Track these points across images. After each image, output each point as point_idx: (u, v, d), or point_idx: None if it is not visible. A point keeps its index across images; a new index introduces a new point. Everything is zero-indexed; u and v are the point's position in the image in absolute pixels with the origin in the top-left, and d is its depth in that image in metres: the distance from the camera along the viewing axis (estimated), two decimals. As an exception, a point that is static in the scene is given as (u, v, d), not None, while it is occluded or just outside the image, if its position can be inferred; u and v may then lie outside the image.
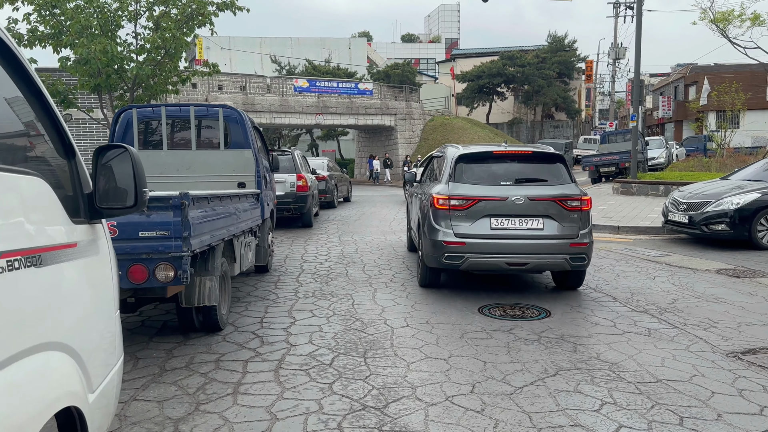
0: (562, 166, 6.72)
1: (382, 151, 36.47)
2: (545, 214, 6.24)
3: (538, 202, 6.24)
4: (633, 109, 17.37)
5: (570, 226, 6.26)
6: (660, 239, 10.76)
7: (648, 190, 16.27)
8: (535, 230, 6.23)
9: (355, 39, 53.43)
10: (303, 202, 12.30)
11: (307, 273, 7.82)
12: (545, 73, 44.55)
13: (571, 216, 6.28)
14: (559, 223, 6.25)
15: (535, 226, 6.24)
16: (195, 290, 4.76)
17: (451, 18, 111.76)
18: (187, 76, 11.47)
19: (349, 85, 34.92)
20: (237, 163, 7.05)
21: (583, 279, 6.90)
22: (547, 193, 6.32)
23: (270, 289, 6.85)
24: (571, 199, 6.29)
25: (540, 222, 6.24)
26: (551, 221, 6.25)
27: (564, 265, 6.26)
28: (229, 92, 31.45)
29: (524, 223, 6.24)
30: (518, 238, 6.21)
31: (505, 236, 6.21)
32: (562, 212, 6.26)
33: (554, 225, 6.25)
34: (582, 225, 6.32)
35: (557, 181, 6.52)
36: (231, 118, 7.18)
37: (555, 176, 6.59)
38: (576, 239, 6.22)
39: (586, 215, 6.41)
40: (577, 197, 6.32)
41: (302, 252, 9.58)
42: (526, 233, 6.22)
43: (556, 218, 6.26)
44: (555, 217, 6.25)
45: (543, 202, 6.25)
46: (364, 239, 11.02)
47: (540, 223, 6.24)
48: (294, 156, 12.66)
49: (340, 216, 15.37)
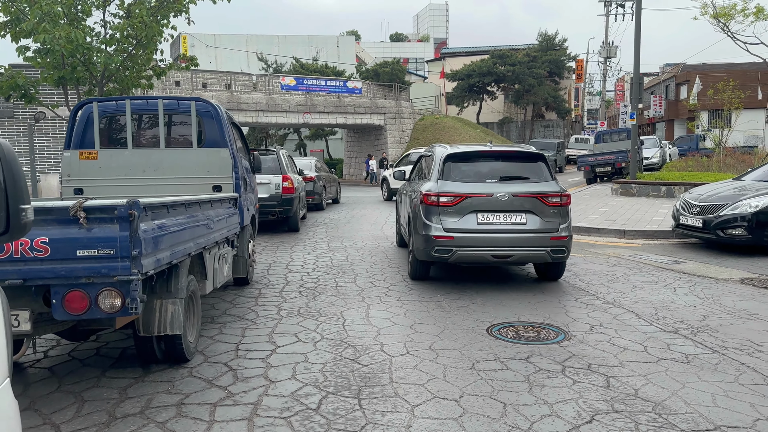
0: (543, 165, 7.11)
1: (372, 150, 35.70)
2: (527, 209, 6.63)
3: (520, 198, 6.62)
4: (632, 107, 16.77)
5: (551, 220, 6.66)
6: (670, 244, 10.10)
7: (649, 190, 15.65)
8: (518, 225, 6.61)
9: (343, 37, 52.61)
10: (289, 205, 11.51)
11: (293, 285, 7.03)
12: (536, 71, 44.00)
13: (552, 211, 6.67)
14: (540, 218, 6.63)
15: (519, 221, 6.62)
16: (154, 316, 3.97)
17: (440, 17, 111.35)
18: (163, 69, 10.64)
19: (337, 84, 34.11)
20: (212, 163, 6.26)
21: (563, 271, 7.30)
22: (529, 190, 6.69)
23: (250, 306, 6.06)
24: (552, 196, 6.68)
25: (523, 217, 6.63)
26: (533, 216, 6.64)
27: (545, 257, 6.65)
28: (213, 90, 30.52)
29: (508, 218, 6.62)
30: (503, 232, 6.59)
31: (491, 230, 6.59)
32: (543, 208, 6.65)
33: (536, 220, 6.63)
34: (562, 219, 6.73)
35: (539, 179, 6.90)
36: (205, 112, 6.38)
37: (537, 174, 6.97)
38: (556, 233, 6.63)
39: (566, 210, 6.81)
40: (557, 194, 6.71)
41: (287, 260, 8.79)
42: (510, 228, 6.61)
43: (538, 213, 6.63)
44: (537, 213, 6.63)
45: (525, 198, 6.63)
46: (354, 245, 10.24)
47: (523, 218, 6.63)
48: (279, 156, 11.86)
49: (328, 219, 14.58)
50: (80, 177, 6.24)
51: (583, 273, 7.75)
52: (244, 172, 6.95)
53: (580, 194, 18.08)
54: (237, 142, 6.91)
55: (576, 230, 11.18)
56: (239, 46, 48.85)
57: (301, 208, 13.35)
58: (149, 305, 3.98)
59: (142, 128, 6.55)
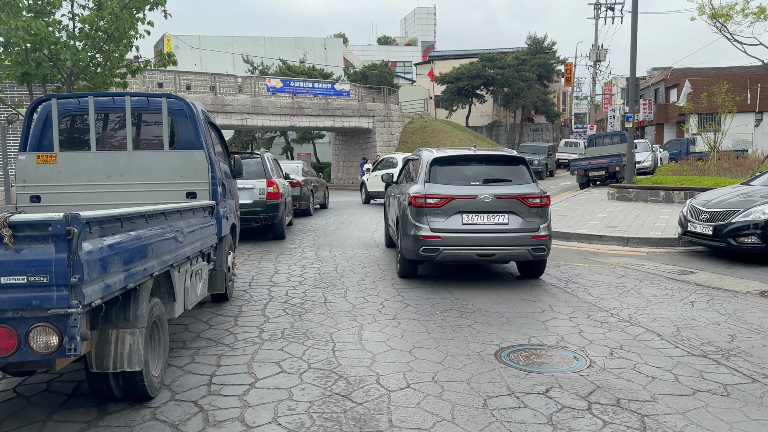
0: (524, 168, 7.45)
1: (361, 154, 35.09)
2: (510, 210, 6.96)
3: (503, 199, 6.96)
4: (629, 109, 16.34)
5: (531, 220, 6.99)
6: (676, 252, 9.60)
7: (647, 195, 15.20)
8: (501, 225, 6.94)
9: (330, 39, 52.00)
10: (274, 212, 10.86)
11: (277, 302, 6.40)
12: (525, 75, 43.68)
13: (533, 212, 7.01)
14: (522, 218, 6.97)
15: (501, 221, 6.95)
16: (109, 349, 3.34)
17: (428, 21, 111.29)
18: (139, 67, 9.95)
19: (325, 86, 33.48)
20: (186, 167, 5.61)
21: (543, 269, 7.61)
22: (511, 192, 7.03)
23: (228, 328, 5.42)
24: (532, 197, 7.03)
25: (505, 217, 6.96)
26: (515, 216, 6.97)
27: (527, 255, 6.99)
28: (198, 92, 29.79)
29: (491, 219, 6.95)
30: (486, 232, 6.90)
31: (475, 230, 6.90)
32: (524, 208, 6.98)
33: (518, 220, 6.96)
34: (542, 219, 7.06)
35: (520, 181, 7.25)
36: (178, 111, 5.74)
37: (518, 177, 7.31)
38: (537, 232, 6.96)
39: (546, 211, 7.14)
40: (537, 195, 7.06)
41: (272, 272, 8.15)
42: (494, 227, 6.93)
43: (519, 214, 6.97)
44: (518, 213, 6.97)
45: (508, 199, 6.97)
46: (344, 254, 9.62)
47: (505, 218, 6.96)
48: (264, 159, 11.21)
49: (316, 225, 13.94)
50: (37, 183, 5.57)
51: (590, 285, 7.19)
52: (223, 176, 6.32)
53: (575, 199, 17.61)
54: (215, 143, 6.28)
55: (576, 237, 10.65)
56: (224, 48, 48.06)
57: (288, 214, 12.71)
58: (103, 336, 3.35)
59: (107, 128, 5.89)
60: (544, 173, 31.70)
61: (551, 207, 8.06)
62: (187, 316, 5.74)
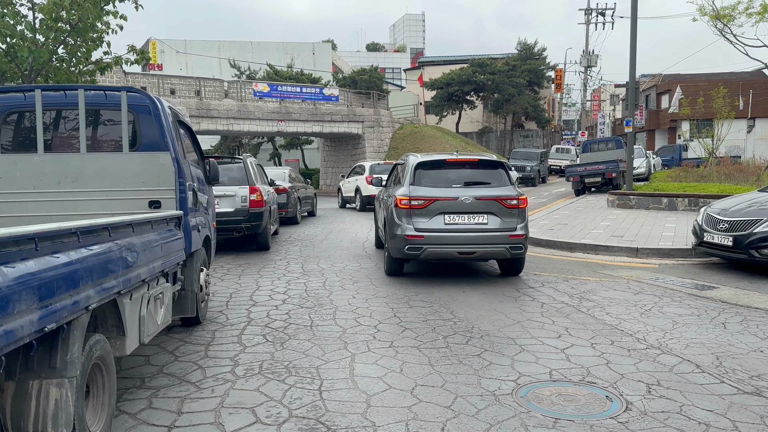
0: (503, 171, 7.90)
1: (350, 160, 34.34)
2: (489, 211, 7.35)
3: (482, 201, 7.34)
4: (629, 113, 15.78)
5: (509, 220, 7.38)
6: (690, 264, 8.93)
7: (649, 203, 14.59)
8: (480, 224, 7.32)
9: (319, 44, 51.33)
10: (257, 221, 10.07)
11: (256, 326, 5.61)
12: (516, 81, 43.23)
13: (510, 212, 7.39)
14: (500, 219, 7.35)
15: (481, 221, 7.33)
16: (29, 406, 2.57)
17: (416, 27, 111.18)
18: (108, 63, 9.14)
19: (313, 91, 32.73)
20: (148, 172, 4.84)
21: (522, 267, 7.99)
22: (490, 194, 7.43)
23: (197, 359, 4.63)
24: (510, 199, 7.42)
25: (485, 218, 7.34)
26: (494, 217, 7.36)
27: (505, 253, 7.38)
28: (182, 96, 28.92)
29: (472, 219, 7.33)
30: (467, 231, 7.28)
31: (457, 230, 7.28)
32: (503, 209, 7.37)
33: (496, 220, 7.35)
34: (519, 220, 7.45)
35: (499, 184, 7.68)
36: (141, 107, 4.97)
37: (497, 179, 7.75)
38: (514, 231, 7.34)
39: (523, 212, 7.53)
40: (514, 197, 7.46)
41: (253, 288, 7.36)
42: (474, 227, 7.30)
43: (498, 214, 7.36)
44: (497, 214, 7.36)
45: (487, 201, 7.36)
46: (333, 267, 8.85)
47: (485, 218, 7.34)
48: (246, 164, 10.43)
49: (303, 235, 13.16)
50: (-27, 190, 4.77)
51: (607, 303, 6.49)
52: (195, 183, 5.55)
53: (573, 206, 16.97)
54: (185, 145, 5.50)
55: (581, 248, 9.98)
56: (211, 53, 47.24)
57: (273, 223, 11.92)
58: (21, 390, 2.58)
59: (58, 127, 5.10)
60: (536, 179, 31.15)
61: (550, 214, 8.13)
62: (152, 344, 4.95)
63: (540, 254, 9.97)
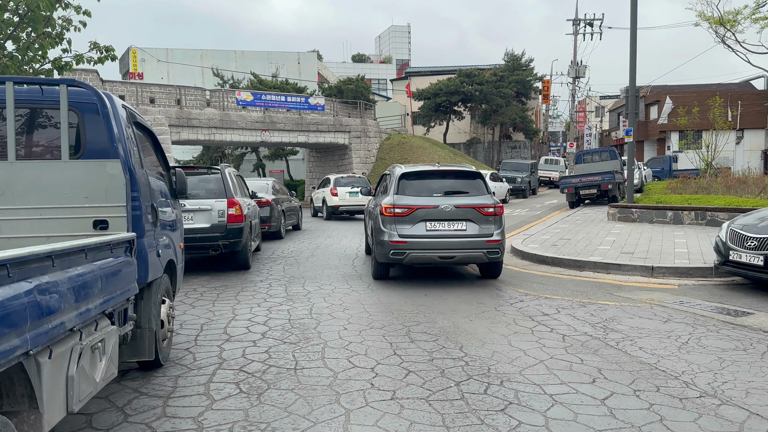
0: (480, 181, 8.40)
1: (336, 171, 33.44)
2: (467, 218, 7.83)
3: (461, 209, 7.82)
4: (629, 122, 15.12)
5: (486, 227, 7.85)
6: (712, 285, 8.16)
7: (652, 216, 13.87)
8: (459, 231, 7.79)
9: (305, 54, 50.55)
10: (236, 237, 9.12)
11: (229, 369, 4.67)
12: (503, 91, 42.77)
13: (487, 219, 7.88)
14: (478, 225, 7.83)
15: (460, 228, 7.80)
16: None
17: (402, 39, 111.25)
18: (67, 62, 8.19)
19: (298, 100, 31.88)
20: (93, 184, 3.91)
21: (500, 271, 8.50)
22: (468, 202, 7.91)
23: (151, 420, 3.68)
24: (487, 207, 7.92)
25: (463, 224, 7.82)
26: (472, 224, 7.83)
27: (482, 257, 7.85)
28: (162, 105, 27.92)
29: (451, 226, 7.80)
30: (447, 237, 7.76)
31: (437, 236, 7.75)
32: (480, 217, 7.86)
33: (474, 227, 7.83)
34: (496, 226, 7.91)
35: (477, 193, 8.19)
36: (86, 104, 4.05)
37: (475, 189, 8.26)
38: (491, 237, 7.81)
39: (499, 219, 7.99)
40: (491, 205, 7.96)
41: (228, 318, 6.41)
42: (453, 233, 7.78)
43: (476, 221, 7.84)
44: (475, 221, 7.84)
45: (465, 209, 7.83)
46: (320, 290, 7.93)
47: (463, 225, 7.81)
48: (225, 175, 9.49)
49: (287, 251, 12.21)
50: None
51: (636, 335, 5.64)
52: (155, 197, 4.63)
53: (571, 220, 16.22)
54: (143, 152, 4.58)
55: (591, 266, 9.18)
56: (193, 62, 46.23)
57: (255, 239, 10.98)
58: None
59: (-17, 129, 4.15)
60: (527, 191, 30.51)
61: (549, 228, 8.06)
62: (98, 398, 3.99)
63: (547, 273, 9.14)
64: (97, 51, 8.39)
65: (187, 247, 8.85)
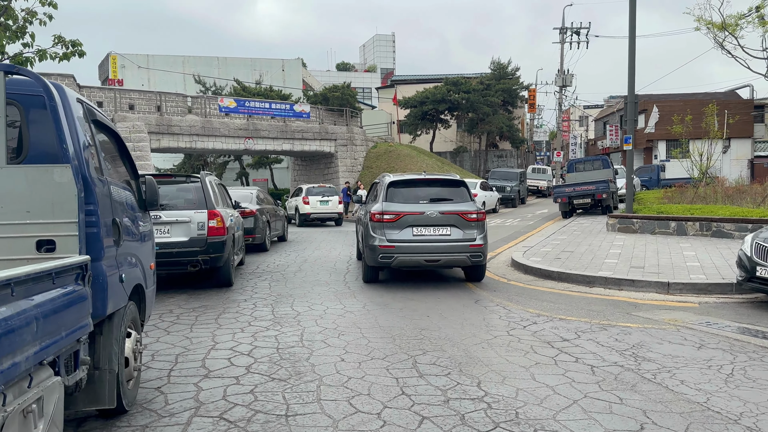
0: (464, 189, 8.85)
1: (322, 180, 32.68)
2: (451, 223, 8.31)
3: (446, 215, 8.33)
4: (628, 129, 14.63)
5: (470, 232, 8.33)
6: (735, 302, 7.57)
7: (654, 227, 13.34)
8: (444, 236, 8.29)
9: (289, 61, 49.81)
10: (217, 252, 8.34)
11: (207, 416, 3.90)
12: (490, 100, 42.40)
13: (470, 225, 8.36)
14: (461, 230, 8.31)
15: (445, 233, 8.30)
16: None
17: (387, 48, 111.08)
18: (28, 57, 7.39)
19: (283, 107, 31.09)
20: (38, 195, 3.16)
21: (483, 274, 8.92)
22: (453, 209, 8.42)
23: (105, 494, 2.91)
24: (470, 213, 8.42)
25: (448, 230, 8.31)
26: (456, 229, 8.31)
27: (466, 261, 8.31)
28: (142, 112, 26.96)
29: (437, 231, 8.30)
30: (433, 242, 8.25)
31: (424, 240, 8.25)
32: (464, 222, 8.33)
33: (458, 232, 8.30)
34: (478, 231, 8.38)
35: (461, 200, 8.66)
36: (29, 97, 3.31)
37: (459, 196, 8.72)
38: (474, 242, 8.29)
39: (482, 224, 8.46)
40: (474, 212, 8.47)
41: (208, 346, 5.63)
42: (438, 238, 8.28)
43: (460, 227, 8.32)
44: (459, 226, 8.31)
45: (450, 215, 8.34)
46: (311, 310, 7.18)
47: (448, 230, 8.31)
48: (205, 184, 8.71)
49: (273, 265, 11.43)
50: None
51: (671, 364, 4.98)
52: (121, 209, 3.87)
53: (568, 230, 15.64)
54: (103, 156, 3.82)
55: (601, 282, 8.56)
56: (175, 68, 45.27)
57: (238, 252, 10.19)
58: None
59: None
60: (516, 200, 30.01)
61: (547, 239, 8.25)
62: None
63: (554, 289, 8.49)
64: (63, 46, 7.58)
65: (163, 263, 8.08)
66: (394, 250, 8.13)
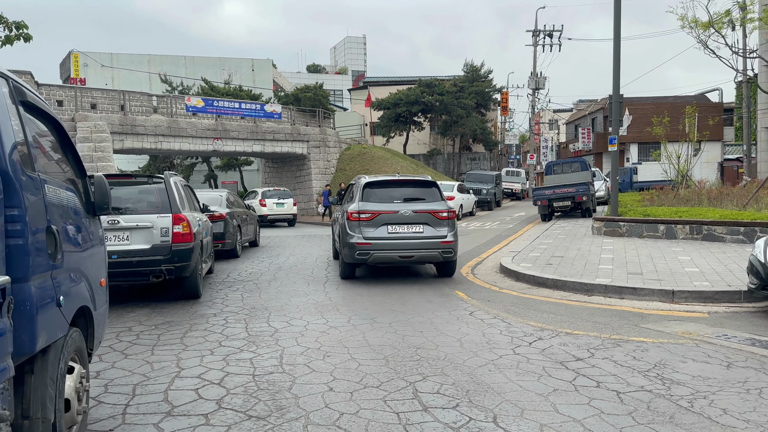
0: (436, 189, 9.42)
1: (294, 182, 31.79)
2: (424, 221, 8.88)
3: (419, 213, 8.91)
4: (613, 130, 14.26)
5: (441, 229, 8.90)
6: (746, 312, 7.10)
7: (642, 230, 12.94)
8: (417, 233, 8.84)
9: (259, 60, 48.71)
10: (183, 260, 7.51)
11: (169, 471, 3.14)
12: (464, 102, 42.12)
13: (442, 223, 8.95)
14: (433, 228, 8.88)
15: (417, 231, 8.85)
16: None
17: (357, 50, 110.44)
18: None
19: (253, 107, 30.13)
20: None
21: (454, 270, 9.48)
22: (425, 208, 9.02)
23: None
24: (441, 212, 9.02)
25: (421, 227, 8.86)
26: (428, 227, 8.88)
27: (437, 257, 8.91)
28: (104, 111, 25.72)
29: (410, 229, 8.85)
30: (406, 239, 8.80)
31: (398, 238, 8.80)
32: (435, 220, 8.93)
33: (430, 229, 8.87)
34: (449, 229, 8.96)
35: (432, 200, 9.24)
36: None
37: (431, 196, 9.31)
38: (445, 238, 8.84)
39: (452, 222, 9.07)
40: (445, 210, 9.08)
41: (172, 373, 4.83)
42: (412, 235, 8.82)
43: (431, 224, 8.90)
44: (430, 224, 8.89)
45: (422, 214, 8.92)
46: (290, 327, 6.43)
47: (421, 228, 8.86)
48: (169, 185, 7.86)
49: (245, 273, 10.61)
50: None
51: (706, 388, 4.40)
52: (59, 214, 3.08)
53: (551, 234, 15.18)
54: (35, 148, 3.03)
55: (600, 290, 8.02)
56: (140, 67, 43.76)
57: (207, 260, 9.35)
58: None
59: None
60: (492, 203, 29.66)
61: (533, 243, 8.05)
62: None
63: (551, 298, 7.91)
64: (5, 28, 6.68)
65: (122, 273, 7.23)
66: (370, 247, 8.63)
